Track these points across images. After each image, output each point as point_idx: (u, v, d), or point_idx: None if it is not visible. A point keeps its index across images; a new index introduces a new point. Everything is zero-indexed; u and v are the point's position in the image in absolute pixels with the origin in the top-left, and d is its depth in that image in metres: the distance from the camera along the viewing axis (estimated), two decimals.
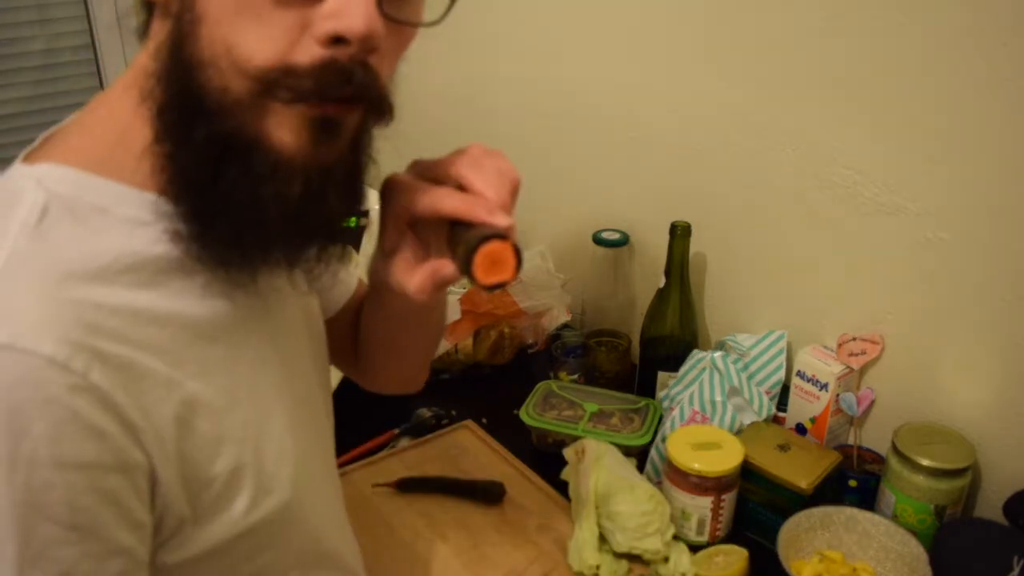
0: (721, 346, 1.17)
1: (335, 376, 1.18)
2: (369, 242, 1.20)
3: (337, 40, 0.51)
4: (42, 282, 0.50)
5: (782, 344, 1.13)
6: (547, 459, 1.11)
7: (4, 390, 0.47)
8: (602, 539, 0.96)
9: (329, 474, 0.76)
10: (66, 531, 0.49)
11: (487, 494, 1.06)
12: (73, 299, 0.50)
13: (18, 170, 0.56)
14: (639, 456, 1.08)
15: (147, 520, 0.54)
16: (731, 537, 1.00)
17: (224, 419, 0.58)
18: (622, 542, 0.93)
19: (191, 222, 0.54)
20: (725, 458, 0.96)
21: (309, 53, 0.50)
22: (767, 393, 1.11)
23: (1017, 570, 0.82)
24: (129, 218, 0.55)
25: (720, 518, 0.97)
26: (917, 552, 0.89)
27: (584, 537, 0.95)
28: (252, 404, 0.61)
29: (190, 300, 0.57)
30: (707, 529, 0.98)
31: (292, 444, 0.64)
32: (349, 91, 0.52)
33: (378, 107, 0.55)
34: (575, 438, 1.09)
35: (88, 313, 0.51)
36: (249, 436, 0.60)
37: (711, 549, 0.96)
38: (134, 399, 0.52)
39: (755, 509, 1.00)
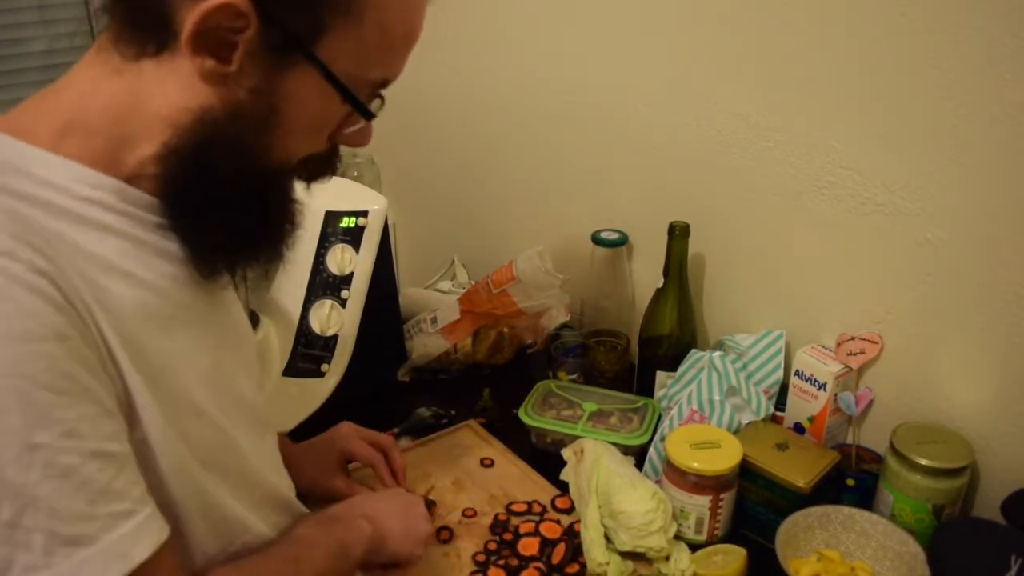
0: (720, 346, 1.18)
1: (331, 379, 1.18)
2: (368, 240, 1.20)
3: None
4: None
5: (780, 344, 1.13)
6: (547, 458, 1.12)
7: None
8: (605, 538, 0.96)
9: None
10: (59, 396, 0.54)
11: None
12: (5, 207, 0.56)
13: None
14: (637, 456, 1.09)
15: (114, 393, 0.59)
16: (729, 536, 1.00)
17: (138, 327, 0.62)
18: (626, 541, 0.93)
19: (186, 231, 0.64)
20: (723, 457, 0.96)
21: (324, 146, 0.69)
22: (765, 392, 1.11)
23: (1015, 569, 0.83)
24: (44, 179, 0.59)
25: (718, 517, 0.97)
26: (915, 551, 0.89)
27: (591, 536, 0.94)
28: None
29: (115, 251, 0.61)
30: (705, 528, 0.98)
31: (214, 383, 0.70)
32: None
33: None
34: (574, 438, 1.09)
35: (20, 219, 0.56)
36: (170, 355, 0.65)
37: (710, 548, 0.96)
38: (76, 288, 0.56)
39: (753, 508, 1.01)
